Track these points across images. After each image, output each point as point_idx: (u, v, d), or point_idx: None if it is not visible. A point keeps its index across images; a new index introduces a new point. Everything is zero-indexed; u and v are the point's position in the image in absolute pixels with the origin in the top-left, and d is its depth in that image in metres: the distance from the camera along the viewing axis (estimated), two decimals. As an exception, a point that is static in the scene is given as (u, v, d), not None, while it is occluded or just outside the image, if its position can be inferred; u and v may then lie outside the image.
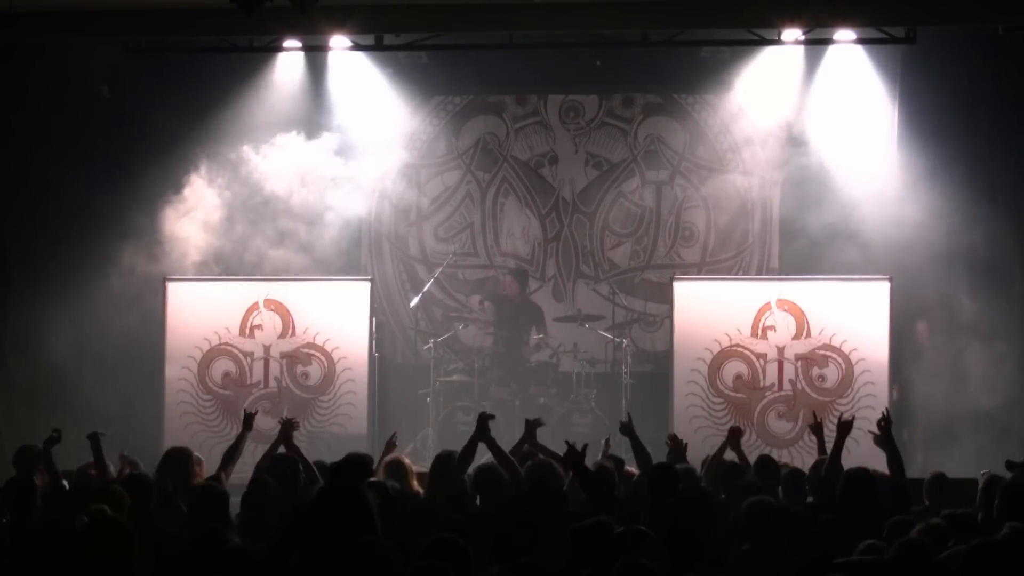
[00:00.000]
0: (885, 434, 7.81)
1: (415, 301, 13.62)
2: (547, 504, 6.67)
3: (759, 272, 13.99)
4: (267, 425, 11.68)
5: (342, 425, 12.01)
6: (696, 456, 9.02)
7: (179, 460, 8.01)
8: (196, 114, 12.93)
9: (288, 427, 8.53)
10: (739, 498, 6.76)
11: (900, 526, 6.39)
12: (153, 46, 12.62)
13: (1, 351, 12.77)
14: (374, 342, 12.40)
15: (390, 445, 8.73)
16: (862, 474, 7.38)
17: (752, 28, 12.17)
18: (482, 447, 7.77)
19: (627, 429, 8.60)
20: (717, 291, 12.37)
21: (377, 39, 12.52)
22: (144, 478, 7.52)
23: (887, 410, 8.39)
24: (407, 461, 8.26)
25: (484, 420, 7.74)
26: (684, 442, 8.79)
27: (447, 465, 7.74)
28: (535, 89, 14.30)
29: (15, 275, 12.89)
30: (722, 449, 8.70)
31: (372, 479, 7.49)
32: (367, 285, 12.56)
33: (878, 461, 8.36)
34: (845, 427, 8.12)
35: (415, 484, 8.03)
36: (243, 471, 8.46)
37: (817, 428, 8.85)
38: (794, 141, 13.16)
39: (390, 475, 7.90)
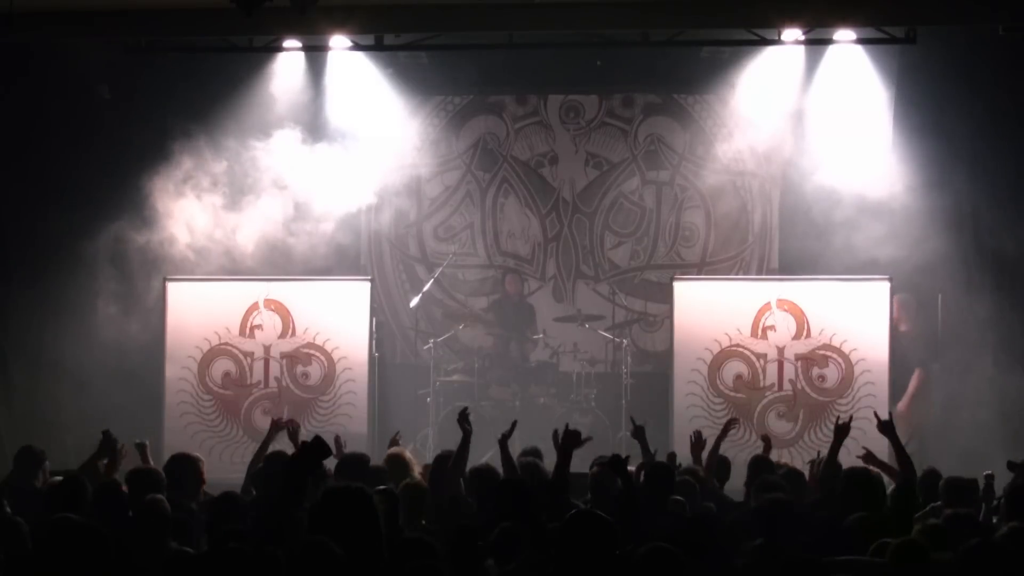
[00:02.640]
0: (889, 428, 7.76)
1: (415, 301, 13.62)
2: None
3: (759, 272, 14.00)
4: (267, 425, 11.67)
5: (342, 425, 11.95)
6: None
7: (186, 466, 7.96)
8: (196, 114, 12.91)
9: (275, 428, 8.60)
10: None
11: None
12: (153, 46, 12.61)
13: (1, 351, 12.76)
14: (374, 342, 12.40)
15: (393, 443, 8.72)
16: (862, 473, 7.39)
17: (752, 28, 12.17)
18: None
19: (639, 434, 8.57)
20: (717, 291, 12.37)
21: (377, 39, 12.52)
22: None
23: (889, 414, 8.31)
24: (407, 454, 8.27)
25: (464, 418, 7.70)
26: (705, 439, 8.81)
27: (445, 466, 7.74)
28: (535, 89, 14.30)
29: (15, 275, 12.88)
30: (717, 446, 8.72)
31: (382, 487, 7.53)
32: (367, 285, 12.55)
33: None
34: (842, 430, 8.08)
35: (417, 474, 8.01)
36: (239, 471, 8.48)
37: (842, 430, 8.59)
38: (794, 141, 13.14)
39: (391, 470, 7.91)
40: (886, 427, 7.74)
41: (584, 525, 5.21)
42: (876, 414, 7.93)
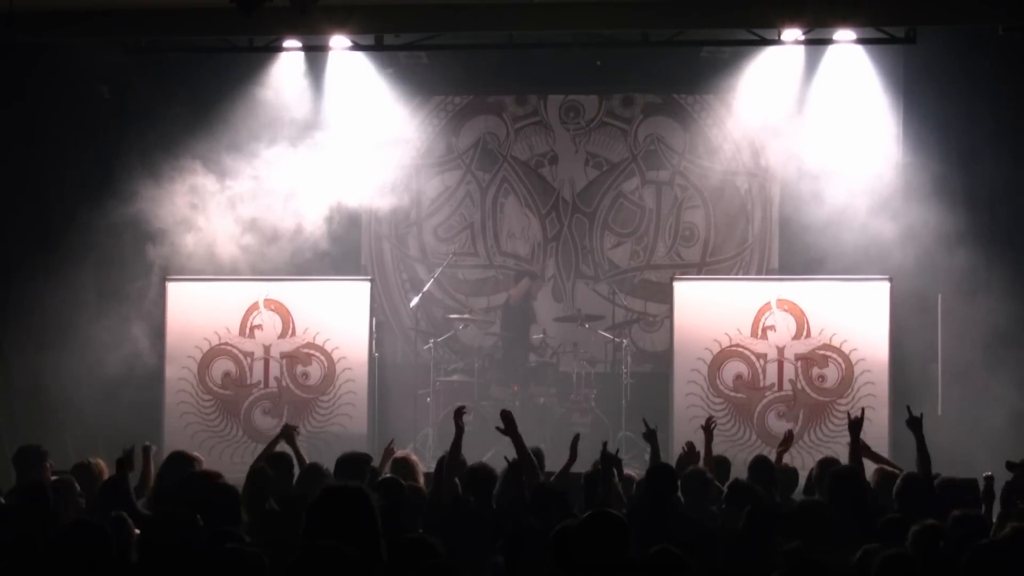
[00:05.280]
0: (916, 424, 7.74)
1: (415, 301, 13.62)
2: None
3: (759, 272, 14.00)
4: (267, 425, 11.77)
5: (342, 425, 12.01)
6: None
7: (182, 464, 7.98)
8: (196, 114, 12.93)
9: (287, 432, 8.62)
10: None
11: (896, 525, 6.40)
12: (153, 46, 12.62)
13: (1, 351, 12.76)
14: (374, 342, 12.40)
15: (389, 452, 8.70)
16: (849, 472, 7.40)
17: (752, 28, 12.17)
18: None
19: (651, 436, 8.54)
20: (717, 291, 12.37)
21: (377, 39, 12.52)
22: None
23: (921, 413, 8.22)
24: (413, 458, 8.26)
25: (459, 414, 7.72)
26: (698, 450, 8.78)
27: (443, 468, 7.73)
28: (535, 89, 14.30)
29: (15, 275, 12.88)
30: (708, 448, 8.70)
31: (386, 476, 7.53)
32: (367, 285, 12.56)
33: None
34: (856, 425, 8.02)
35: (422, 481, 8.01)
36: (239, 471, 8.48)
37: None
38: (794, 141, 13.14)
39: (396, 473, 7.90)
40: (914, 423, 7.74)
41: (600, 525, 5.19)
42: (909, 408, 7.85)
